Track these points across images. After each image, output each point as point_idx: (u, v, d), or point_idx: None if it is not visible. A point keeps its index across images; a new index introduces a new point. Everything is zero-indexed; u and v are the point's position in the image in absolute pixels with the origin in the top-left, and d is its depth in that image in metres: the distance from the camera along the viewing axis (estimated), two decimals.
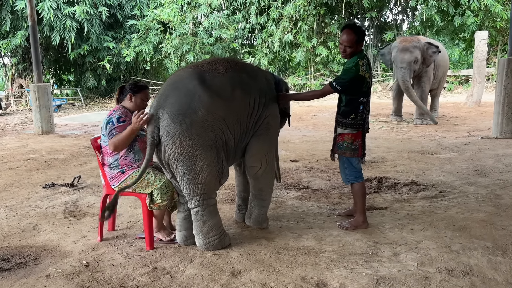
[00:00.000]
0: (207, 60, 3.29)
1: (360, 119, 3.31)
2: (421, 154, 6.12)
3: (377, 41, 17.26)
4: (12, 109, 15.86)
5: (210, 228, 2.97)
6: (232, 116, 2.99)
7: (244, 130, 3.12)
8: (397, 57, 9.19)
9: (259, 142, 3.22)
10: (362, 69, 3.20)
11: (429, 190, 4.36)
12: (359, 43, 3.26)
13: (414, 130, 8.73)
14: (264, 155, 3.26)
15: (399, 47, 9.24)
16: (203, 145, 2.86)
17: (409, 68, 9.01)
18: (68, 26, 14.96)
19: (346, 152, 3.36)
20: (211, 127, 2.89)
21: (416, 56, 8.99)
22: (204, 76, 2.96)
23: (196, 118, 2.84)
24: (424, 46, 9.10)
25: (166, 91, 2.96)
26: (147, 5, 16.82)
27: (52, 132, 9.62)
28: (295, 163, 5.83)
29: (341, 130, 3.36)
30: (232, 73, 3.09)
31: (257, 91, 3.16)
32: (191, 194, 2.93)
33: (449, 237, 3.16)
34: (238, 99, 3.02)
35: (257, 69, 3.57)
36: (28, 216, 3.92)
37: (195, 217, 2.96)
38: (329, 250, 3.02)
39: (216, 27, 15.84)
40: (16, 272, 2.82)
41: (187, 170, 2.88)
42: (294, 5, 15.14)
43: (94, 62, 16.91)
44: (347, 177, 3.42)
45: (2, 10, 15.09)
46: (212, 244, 2.99)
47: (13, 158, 6.77)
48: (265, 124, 3.21)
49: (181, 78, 3.01)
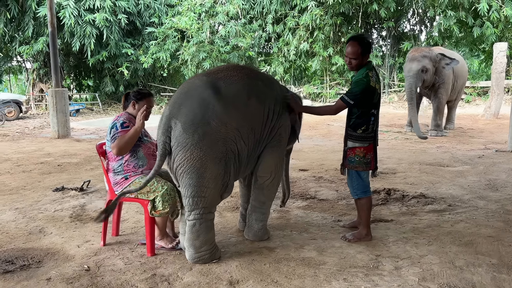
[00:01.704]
0: (222, 66, 3.26)
1: (371, 131, 3.27)
2: (432, 166, 6.03)
3: (394, 51, 17.14)
4: (32, 113, 16.21)
5: (203, 243, 2.93)
6: (246, 126, 2.96)
7: (258, 139, 3.08)
8: (406, 66, 9.15)
9: (272, 154, 3.19)
10: (372, 80, 3.18)
11: (438, 204, 4.29)
12: (365, 55, 3.24)
13: (429, 141, 8.59)
14: (275, 166, 3.25)
15: (408, 57, 9.20)
16: (212, 157, 2.83)
17: (416, 78, 8.86)
18: (88, 33, 15.25)
19: (358, 166, 3.30)
20: (224, 138, 2.85)
21: (424, 66, 8.82)
22: (218, 85, 2.92)
23: (209, 129, 2.81)
24: (436, 57, 8.96)
25: (179, 99, 2.92)
26: (166, 13, 17.04)
27: (68, 136, 9.79)
28: (304, 172, 5.80)
29: (352, 143, 3.31)
30: (248, 81, 3.06)
31: (272, 99, 3.13)
32: (192, 206, 2.90)
33: (454, 253, 3.10)
34: (253, 108, 2.99)
35: (272, 78, 3.55)
36: (36, 219, 3.98)
37: (190, 229, 2.92)
38: (329, 262, 2.99)
39: (233, 35, 15.95)
40: (19, 274, 2.87)
41: (193, 182, 2.85)
42: (311, 14, 15.15)
43: (112, 68, 17.17)
44: (355, 191, 3.37)
45: (26, 16, 15.47)
46: (202, 258, 2.94)
47: (28, 161, 6.90)
48: (278, 135, 3.17)
49: (195, 86, 2.97)
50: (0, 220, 3.96)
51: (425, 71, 8.87)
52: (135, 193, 3.04)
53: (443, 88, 9.35)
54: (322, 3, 15.08)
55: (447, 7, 14.16)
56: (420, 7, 15.86)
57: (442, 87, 9.34)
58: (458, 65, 9.52)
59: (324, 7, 15.26)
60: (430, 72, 8.94)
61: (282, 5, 15.85)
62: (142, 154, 3.14)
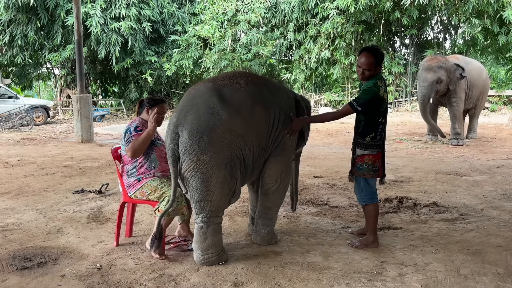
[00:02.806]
0: (228, 73, 3.34)
1: (379, 139, 3.32)
2: (449, 175, 5.97)
3: (417, 59, 16.96)
4: (59, 118, 16.72)
5: (210, 246, 3.00)
6: (251, 133, 3.02)
7: (263, 147, 3.14)
8: (421, 75, 9.09)
9: (276, 162, 3.25)
10: (382, 90, 3.24)
11: (449, 212, 4.27)
12: (378, 66, 3.29)
13: (449, 150, 8.51)
14: (280, 174, 3.30)
15: (424, 65, 9.12)
16: (218, 163, 2.90)
17: (430, 88, 8.82)
18: (113, 41, 15.69)
19: (366, 174, 3.34)
20: (229, 144, 2.93)
21: (439, 77, 8.77)
22: (223, 92, 2.98)
23: (215, 136, 2.88)
24: (451, 67, 8.89)
25: (185, 106, 3.00)
26: (189, 21, 17.38)
27: (91, 140, 10.08)
28: (317, 179, 5.84)
29: (360, 151, 3.35)
30: (253, 88, 3.13)
31: (277, 107, 3.18)
32: (199, 209, 2.98)
33: (460, 261, 3.10)
34: (258, 115, 3.04)
35: (278, 85, 3.60)
36: (55, 219, 4.16)
37: (198, 231, 3.01)
38: (334, 267, 3.03)
39: (254, 43, 16.12)
40: (35, 271, 3.01)
41: (200, 187, 2.93)
42: (332, 22, 15.19)
43: (136, 75, 17.58)
44: (363, 197, 3.41)
45: (55, 24, 16.04)
46: (209, 260, 3.02)
47: (51, 164, 7.16)
48: (283, 143, 3.23)
49: (200, 93, 3.03)
50: (22, 220, 4.14)
51: (439, 82, 8.83)
52: (146, 195, 3.17)
53: (455, 97, 9.26)
54: (343, 11, 15.10)
55: (471, 15, 13.98)
56: (444, 15, 15.70)
57: (454, 96, 9.25)
58: (473, 74, 9.41)
59: (346, 15, 15.28)
60: (444, 83, 8.89)
61: (304, 14, 15.95)
62: (155, 156, 3.26)
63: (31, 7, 15.44)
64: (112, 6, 15.77)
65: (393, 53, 16.79)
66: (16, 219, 4.16)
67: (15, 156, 8.04)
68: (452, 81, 8.97)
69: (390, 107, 17.07)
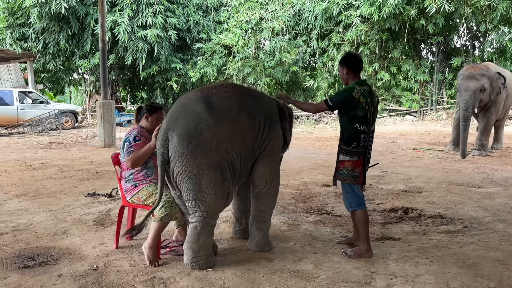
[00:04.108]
0: (216, 84, 3.53)
1: (361, 147, 3.37)
2: (462, 186, 5.85)
3: (443, 67, 16.66)
4: (87, 123, 17.26)
5: (201, 247, 3.09)
6: (238, 138, 3.15)
7: (250, 151, 3.27)
8: (462, 84, 8.60)
9: (264, 163, 3.37)
10: (357, 92, 3.31)
11: (453, 224, 4.19)
12: (350, 70, 3.43)
13: (469, 161, 8.29)
14: (270, 175, 3.40)
15: (464, 74, 8.66)
16: (208, 165, 3.03)
17: (474, 97, 8.38)
18: (140, 48, 16.11)
19: (346, 179, 3.43)
20: (216, 148, 3.06)
21: (482, 85, 8.38)
22: (211, 99, 3.14)
23: (202, 140, 3.03)
24: (494, 76, 8.53)
25: (175, 113, 3.16)
26: (214, 29, 17.66)
27: (114, 145, 10.37)
28: (326, 188, 5.83)
29: (342, 157, 3.44)
30: (239, 96, 3.27)
31: (262, 114, 3.31)
32: (195, 208, 3.10)
33: (453, 274, 3.06)
34: (243, 122, 3.18)
35: (262, 94, 3.74)
36: (63, 221, 4.33)
37: (192, 232, 3.10)
38: (323, 275, 3.05)
39: (278, 50, 16.21)
40: (36, 270, 3.16)
41: (193, 187, 3.05)
42: (356, 30, 15.12)
43: (162, 82, 17.97)
44: (350, 204, 3.46)
45: (85, 32, 16.62)
46: (199, 263, 3.10)
47: (71, 167, 7.43)
48: (270, 146, 3.35)
49: (189, 101, 3.20)
50: (33, 221, 4.34)
51: (483, 91, 8.44)
52: (142, 201, 3.29)
53: (494, 107, 8.93)
54: (367, 19, 15.01)
55: (499, 22, 13.64)
56: (471, 22, 15.37)
57: (493, 107, 8.92)
58: (508, 83, 9.11)
59: (369, 23, 15.18)
60: (487, 92, 8.52)
61: (327, 21, 15.93)
62: (152, 164, 3.38)
63: (62, 16, 16.07)
64: (139, 14, 16.21)
65: (418, 61, 16.53)
66: (27, 220, 4.36)
67: (39, 159, 8.38)
68: (494, 91, 8.64)
69: (414, 116, 16.78)
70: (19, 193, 5.52)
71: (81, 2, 16.14)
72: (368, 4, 14.37)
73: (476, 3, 13.23)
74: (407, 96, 16.55)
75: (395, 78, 16.51)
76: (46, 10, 15.70)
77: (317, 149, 10.29)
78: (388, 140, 12.19)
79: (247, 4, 16.78)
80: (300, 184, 6.12)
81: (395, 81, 16.62)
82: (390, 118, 16.93)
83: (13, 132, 13.52)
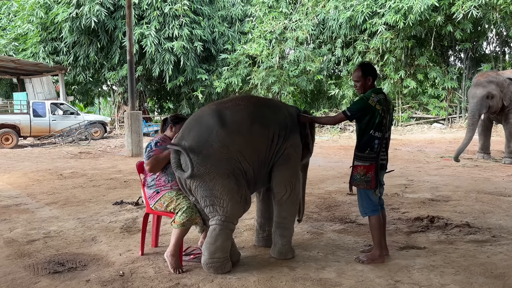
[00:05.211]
0: (233, 97, 3.63)
1: (374, 153, 3.41)
2: (491, 195, 5.71)
3: (472, 74, 16.30)
4: (116, 133, 17.68)
5: (218, 249, 3.16)
6: (249, 149, 3.24)
7: (263, 160, 3.34)
8: (470, 92, 8.88)
9: (281, 171, 3.42)
10: (373, 100, 3.35)
11: (481, 234, 4.10)
12: (367, 77, 3.45)
13: (500, 169, 8.09)
14: (288, 182, 3.44)
15: (473, 81, 8.93)
16: (219, 174, 3.14)
17: (480, 104, 8.53)
18: (167, 60, 16.46)
19: (360, 184, 3.48)
20: (227, 158, 3.16)
21: (489, 92, 8.47)
22: (224, 113, 3.25)
23: (212, 151, 3.14)
24: (504, 82, 8.55)
25: (190, 124, 3.30)
26: (239, 40, 17.87)
27: (141, 155, 10.57)
28: (350, 196, 5.78)
29: (356, 162, 3.50)
30: (253, 108, 3.36)
31: (276, 124, 3.37)
32: (213, 213, 3.19)
33: (479, 284, 2.99)
34: (256, 133, 3.27)
35: (280, 104, 3.80)
36: (92, 228, 4.45)
37: (210, 234, 3.19)
38: (345, 284, 3.04)
39: (302, 60, 16.25)
40: (65, 275, 3.27)
41: (207, 194, 3.16)
42: (381, 38, 15.03)
43: (188, 92, 18.27)
44: (364, 209, 3.51)
45: (113, 45, 17.11)
46: (214, 266, 3.17)
47: (100, 176, 7.62)
48: (286, 154, 3.40)
49: (204, 113, 3.32)
50: (63, 228, 4.48)
51: (490, 97, 8.53)
52: (165, 207, 3.36)
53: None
54: (392, 26, 14.89)
55: None
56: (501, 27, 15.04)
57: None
58: None
59: (395, 30, 15.06)
60: (496, 98, 8.56)
61: (352, 30, 15.90)
62: (171, 170, 3.45)
63: (92, 30, 16.59)
64: (166, 26, 16.57)
65: (446, 68, 16.26)
66: (58, 227, 4.51)
67: (69, 169, 8.64)
68: (506, 96, 8.62)
69: (442, 123, 16.48)
70: (50, 201, 5.71)
71: (110, 15, 16.64)
72: (393, 11, 14.28)
73: (505, 8, 12.97)
74: (435, 104, 16.28)
75: (422, 85, 16.29)
76: (77, 24, 16.25)
77: (342, 158, 10.22)
78: (415, 148, 12.00)
79: (271, 15, 16.94)
80: (324, 192, 6.10)
81: (422, 88, 16.40)
82: (418, 126, 16.67)
83: (45, 142, 13.98)
